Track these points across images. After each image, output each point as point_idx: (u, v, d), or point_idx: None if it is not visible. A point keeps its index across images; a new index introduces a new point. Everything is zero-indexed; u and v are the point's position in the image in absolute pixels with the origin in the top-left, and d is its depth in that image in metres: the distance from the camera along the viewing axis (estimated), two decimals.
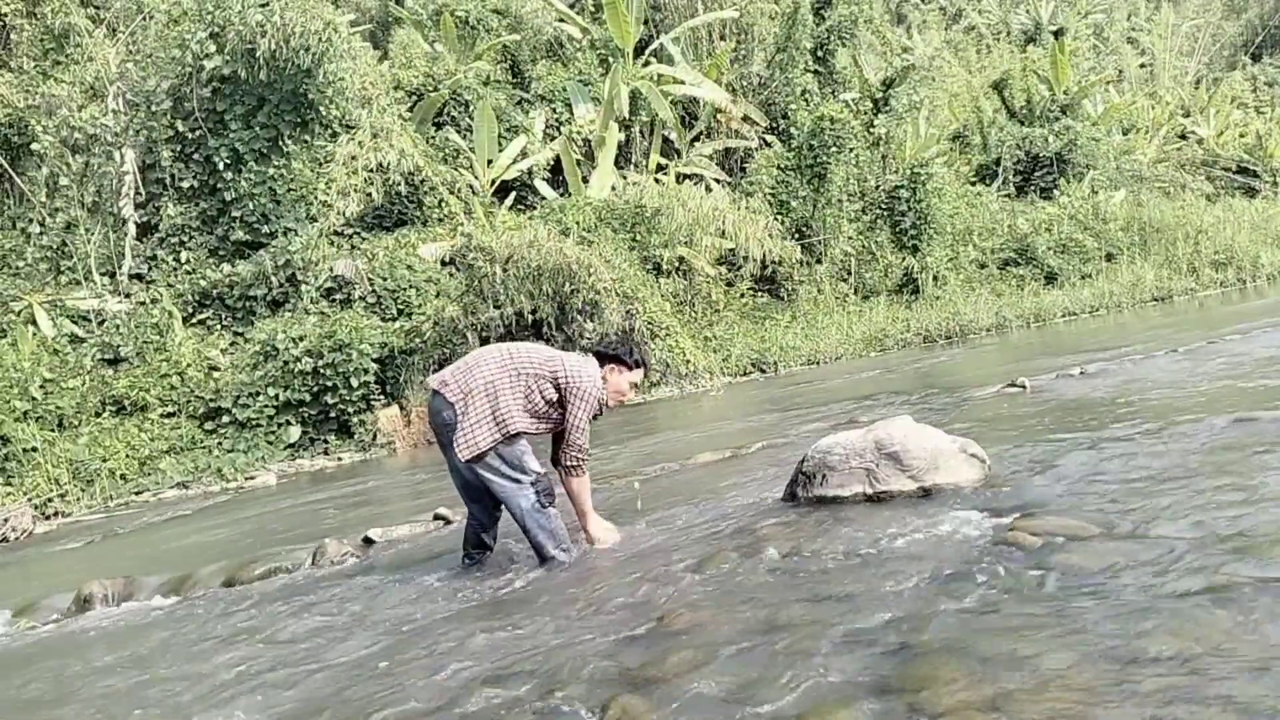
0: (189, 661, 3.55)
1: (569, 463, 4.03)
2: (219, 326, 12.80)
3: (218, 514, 8.28)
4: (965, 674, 2.22)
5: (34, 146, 13.34)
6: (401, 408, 11.68)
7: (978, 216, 20.15)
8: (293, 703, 2.89)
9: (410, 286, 13.19)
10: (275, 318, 12.36)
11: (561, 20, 19.50)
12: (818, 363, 14.78)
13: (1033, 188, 22.22)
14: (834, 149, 17.79)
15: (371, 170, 13.43)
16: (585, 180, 16.16)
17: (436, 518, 5.60)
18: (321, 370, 11.22)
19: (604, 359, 4.19)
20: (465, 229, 13.12)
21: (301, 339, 11.38)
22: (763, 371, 14.47)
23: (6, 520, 8.37)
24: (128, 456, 10.55)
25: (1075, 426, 5.31)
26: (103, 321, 12.41)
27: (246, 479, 10.44)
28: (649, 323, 12.42)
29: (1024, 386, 7.45)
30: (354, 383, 11.30)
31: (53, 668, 3.77)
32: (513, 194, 16.00)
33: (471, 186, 15.04)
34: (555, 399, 3.99)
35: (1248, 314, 12.37)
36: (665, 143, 18.40)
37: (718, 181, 18.16)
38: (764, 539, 3.77)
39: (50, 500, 9.63)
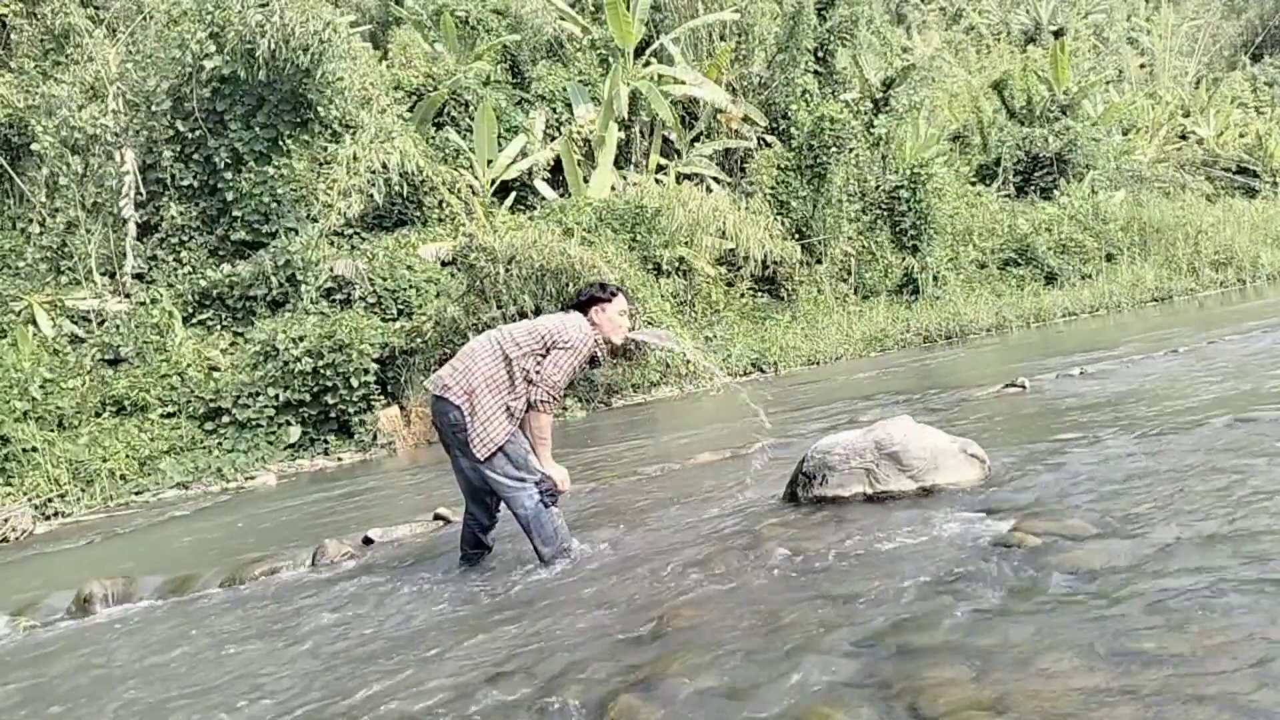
0: (189, 662, 3.55)
1: (537, 396, 3.93)
2: (219, 326, 12.80)
3: (218, 514, 8.28)
4: (965, 674, 2.22)
5: (34, 146, 13.33)
6: (402, 408, 11.68)
7: (978, 216, 20.16)
8: (292, 703, 2.89)
9: (410, 287, 13.18)
10: (275, 318, 12.35)
11: (562, 20, 19.50)
12: (818, 363, 14.78)
13: (1033, 188, 22.23)
14: (834, 149, 17.79)
15: (373, 171, 13.43)
16: (585, 180, 16.16)
17: (436, 518, 5.60)
18: (321, 370, 11.22)
19: (583, 307, 4.18)
20: (467, 229, 13.13)
21: (301, 339, 11.38)
22: (763, 371, 14.47)
23: (6, 520, 8.36)
24: (128, 457, 10.54)
25: (1075, 426, 5.31)
26: (103, 322, 12.41)
27: (246, 479, 10.44)
28: (649, 323, 12.42)
29: (1024, 386, 7.45)
30: (354, 383, 11.29)
31: (53, 668, 3.77)
32: (513, 194, 16.01)
33: (471, 187, 15.04)
34: None
35: (1247, 314, 12.37)
36: (665, 143, 18.40)
37: (718, 181, 18.16)
38: (764, 539, 3.77)
39: (50, 500, 9.62)
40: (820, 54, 20.34)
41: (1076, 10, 33.47)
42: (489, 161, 15.41)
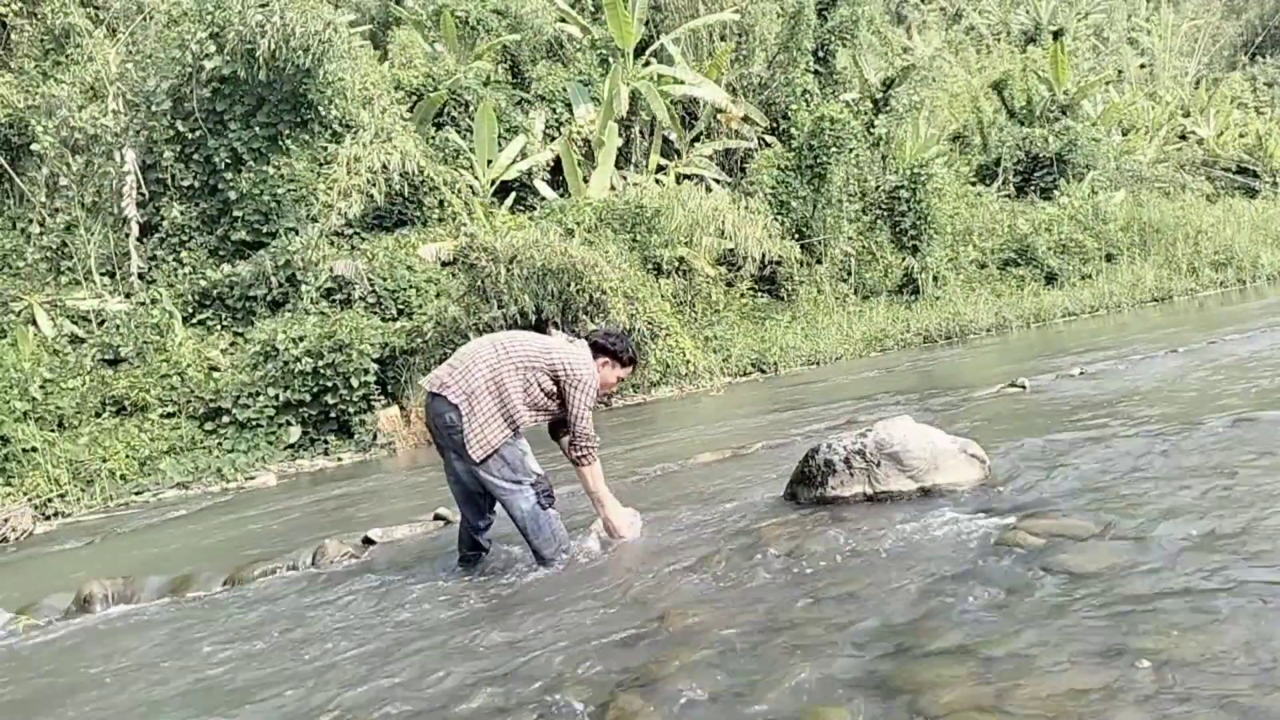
0: (189, 662, 3.55)
1: (578, 454, 4.00)
2: (219, 326, 12.79)
3: (218, 514, 8.28)
4: (965, 674, 2.22)
5: (34, 147, 13.33)
6: (402, 408, 11.68)
7: (978, 217, 20.16)
8: (292, 703, 2.89)
9: (410, 287, 13.18)
10: (275, 318, 12.35)
11: (562, 20, 19.50)
12: (818, 363, 14.78)
13: (1033, 188, 22.22)
14: (834, 149, 17.78)
15: (374, 171, 13.43)
16: (585, 180, 16.16)
17: (436, 518, 5.60)
18: (321, 370, 11.22)
19: (598, 350, 4.16)
20: (468, 229, 13.13)
21: (301, 339, 11.38)
22: (763, 371, 14.47)
23: (6, 520, 8.36)
24: (128, 457, 10.54)
25: (1075, 427, 5.31)
26: (103, 322, 12.40)
27: (246, 479, 10.43)
28: (649, 323, 12.41)
29: (1024, 386, 7.46)
30: (354, 383, 11.29)
31: (53, 668, 3.77)
32: (512, 194, 16.00)
33: (471, 187, 15.04)
34: (552, 390, 3.98)
35: (1247, 314, 12.37)
36: (665, 143, 18.39)
37: (718, 182, 18.15)
38: (764, 539, 3.77)
39: (50, 500, 9.62)
40: (820, 54, 20.33)
41: (1076, 10, 33.46)
42: (489, 161, 15.41)
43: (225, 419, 11.30)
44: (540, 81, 18.09)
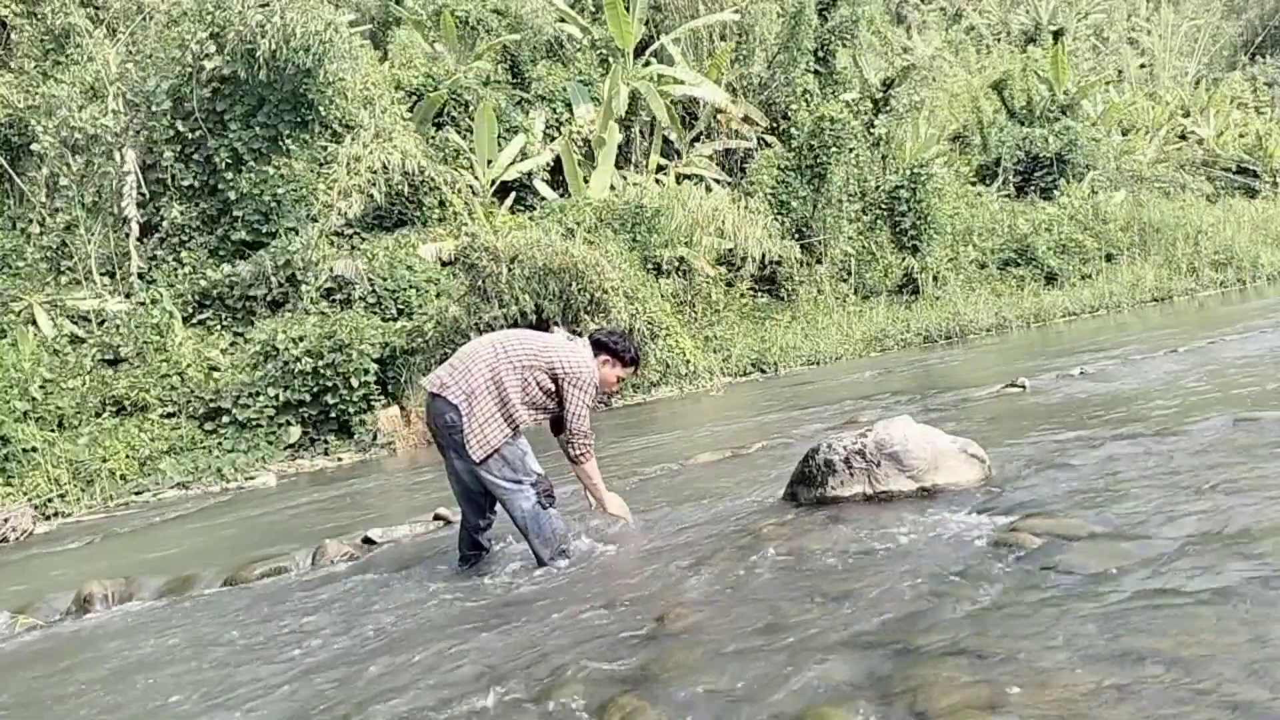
0: (188, 662, 3.55)
1: (576, 451, 4.04)
2: (219, 326, 12.79)
3: (218, 514, 8.28)
4: (965, 674, 2.22)
5: (34, 147, 13.33)
6: (402, 408, 11.68)
7: (978, 217, 20.17)
8: (291, 703, 2.89)
9: (410, 287, 13.19)
10: (275, 318, 12.36)
11: (562, 20, 19.50)
12: (818, 363, 14.78)
13: (1033, 188, 22.23)
14: (834, 149, 17.79)
15: (374, 171, 13.43)
16: (585, 180, 16.16)
17: (436, 518, 5.60)
18: (321, 370, 11.22)
19: (600, 348, 4.16)
20: (470, 229, 13.13)
21: (301, 339, 11.38)
22: (763, 371, 14.47)
23: (6, 520, 8.36)
24: (128, 457, 10.54)
25: (1075, 426, 5.30)
26: (103, 321, 12.41)
27: (246, 479, 10.43)
28: (649, 323, 12.42)
29: (1024, 386, 7.46)
30: (354, 383, 11.29)
31: (53, 668, 3.77)
32: (512, 194, 16.00)
33: (471, 187, 15.04)
34: (551, 389, 3.98)
35: (1248, 314, 12.37)
36: (665, 143, 18.40)
37: (718, 182, 18.16)
38: (764, 539, 3.76)
39: (50, 500, 9.62)
40: (820, 54, 20.34)
41: (1076, 10, 33.47)
42: (489, 161, 15.41)
43: (225, 419, 11.30)
44: (540, 81, 18.08)
